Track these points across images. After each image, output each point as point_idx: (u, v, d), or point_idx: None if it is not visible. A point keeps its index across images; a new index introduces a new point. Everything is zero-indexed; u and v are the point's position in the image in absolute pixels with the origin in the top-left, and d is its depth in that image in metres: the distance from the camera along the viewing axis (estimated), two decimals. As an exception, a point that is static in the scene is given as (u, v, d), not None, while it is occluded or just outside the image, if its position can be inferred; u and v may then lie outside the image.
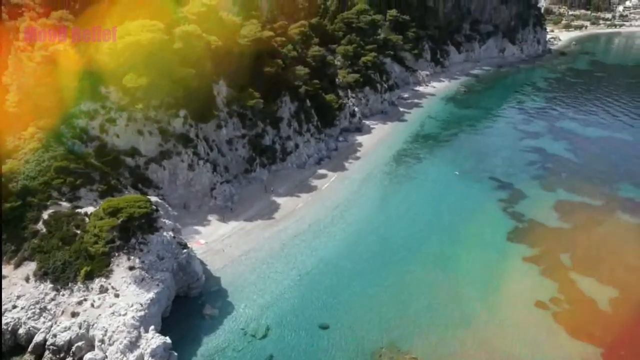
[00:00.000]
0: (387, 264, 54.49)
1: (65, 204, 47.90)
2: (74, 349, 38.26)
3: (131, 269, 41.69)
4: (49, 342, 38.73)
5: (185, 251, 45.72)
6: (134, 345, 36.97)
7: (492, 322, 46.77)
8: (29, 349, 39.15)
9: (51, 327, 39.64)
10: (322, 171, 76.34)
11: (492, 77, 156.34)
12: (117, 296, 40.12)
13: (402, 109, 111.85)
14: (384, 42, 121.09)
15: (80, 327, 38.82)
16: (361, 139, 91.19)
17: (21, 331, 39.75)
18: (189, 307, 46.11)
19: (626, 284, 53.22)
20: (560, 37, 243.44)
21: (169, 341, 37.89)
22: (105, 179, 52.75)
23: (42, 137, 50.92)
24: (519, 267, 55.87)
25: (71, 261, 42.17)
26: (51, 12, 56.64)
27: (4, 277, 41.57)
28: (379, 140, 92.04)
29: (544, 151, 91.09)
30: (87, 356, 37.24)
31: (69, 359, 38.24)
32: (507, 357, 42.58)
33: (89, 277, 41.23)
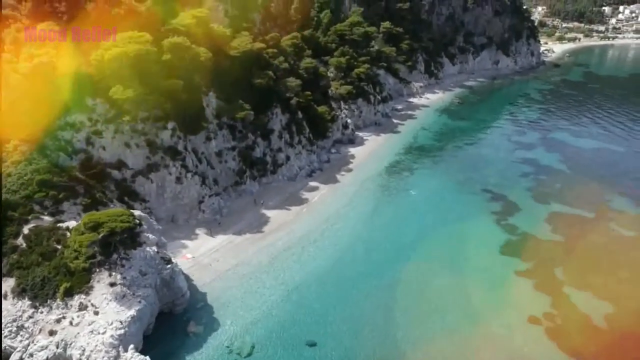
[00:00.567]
0: (377, 280, 53.36)
1: (47, 218, 46.76)
2: (50, 368, 36.96)
3: (112, 285, 40.51)
4: (25, 362, 37.41)
5: (169, 266, 44.60)
6: (112, 365, 35.71)
7: (484, 338, 45.69)
8: (5, 369, 37.87)
9: (28, 346, 38.30)
10: (313, 183, 75.51)
11: (486, 88, 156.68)
12: (96, 314, 38.89)
13: (395, 121, 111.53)
14: (377, 54, 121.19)
15: (57, 347, 37.51)
16: (354, 150, 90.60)
17: (-3, 350, 38.44)
18: (172, 324, 44.86)
19: (620, 298, 52.30)
20: (554, 49, 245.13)
21: (149, 360, 36.70)
22: (89, 193, 51.72)
23: (26, 150, 49.99)
24: (512, 281, 54.90)
25: (50, 277, 40.95)
26: (37, 24, 56.09)
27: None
28: (371, 152, 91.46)
29: (537, 163, 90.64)
30: (64, 377, 35.96)
31: (46, 380, 36.91)
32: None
33: (69, 293, 40.01)
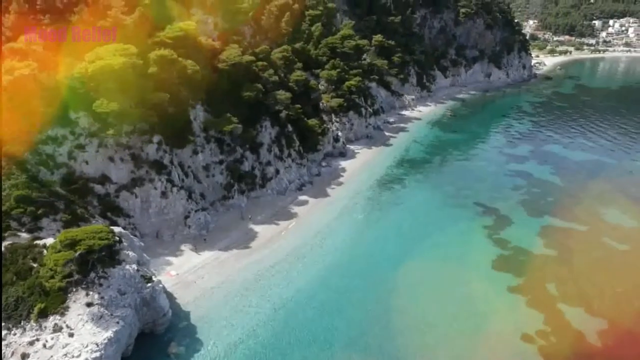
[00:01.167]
0: (367, 296, 52.04)
1: (24, 235, 45.36)
2: (22, 394, 35.25)
3: (89, 305, 38.95)
4: (-5, 388, 35.66)
5: (149, 285, 43.09)
6: (86, 390, 34.08)
7: (475, 358, 44.36)
8: (-26, 395, 36.04)
9: (-1, 370, 36.60)
10: (303, 197, 74.34)
11: (478, 101, 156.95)
12: (71, 335, 37.28)
13: (387, 133, 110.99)
14: (369, 66, 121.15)
15: (29, 371, 35.86)
16: (345, 164, 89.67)
17: (-34, 375, 36.65)
18: (153, 345, 43.25)
19: (615, 314, 51.19)
20: (545, 62, 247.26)
21: (125, 385, 35.08)
22: (70, 208, 50.31)
23: (4, 165, 48.64)
24: (504, 297, 53.71)
25: (25, 297, 39.30)
26: (19, 37, 55.24)
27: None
28: (363, 165, 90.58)
29: (530, 175, 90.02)
30: (35, 403, 34.26)
31: (16, 406, 35.21)
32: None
33: (43, 314, 38.36)
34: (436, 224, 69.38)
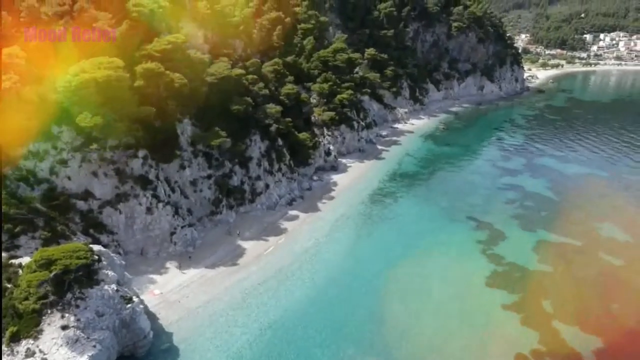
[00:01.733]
0: (357, 315, 50.48)
1: (0, 254, 43.61)
2: None
3: (64, 328, 37.21)
4: (-39, 418, 33.73)
5: (129, 306, 41.38)
6: (57, 420, 32.22)
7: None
8: None
9: (-33, 398, 34.69)
10: (293, 212, 72.92)
11: (471, 114, 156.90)
12: (44, 361, 35.50)
13: (380, 147, 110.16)
14: (361, 80, 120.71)
15: (-2, 399, 33.95)
16: (336, 178, 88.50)
17: None
18: (133, 369, 41.47)
19: (612, 332, 49.90)
20: (537, 75, 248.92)
21: (100, 414, 33.24)
22: (50, 225, 48.70)
23: (-19, 181, 47.13)
24: (498, 315, 52.34)
25: (-3, 320, 37.59)
26: (1, 49, 53.97)
27: None
28: (354, 179, 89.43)
29: (523, 189, 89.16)
30: None
31: None
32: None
33: (15, 338, 36.59)
34: (429, 239, 68.07)
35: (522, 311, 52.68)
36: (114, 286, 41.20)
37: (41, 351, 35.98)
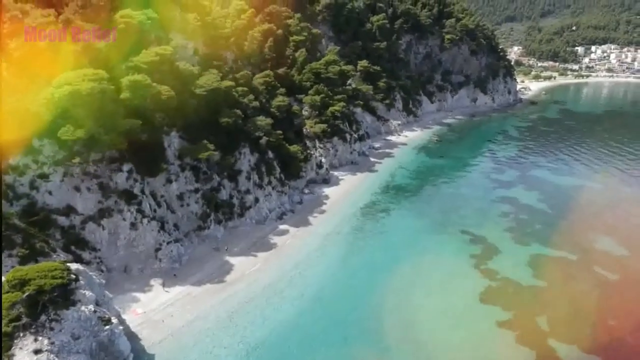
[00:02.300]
0: (347, 335, 48.81)
1: (-26, 273, 41.79)
2: None
3: (37, 352, 35.30)
4: None
5: (107, 327, 39.56)
6: None
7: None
8: None
9: None
10: (283, 227, 71.40)
11: (464, 126, 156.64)
12: (14, 388, 33.60)
13: (373, 159, 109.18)
14: (354, 92, 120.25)
15: None
16: (328, 191, 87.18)
17: None
18: (111, 394, 39.51)
19: (609, 350, 48.54)
20: (530, 87, 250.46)
21: None
22: (28, 242, 46.84)
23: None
24: (492, 333, 50.83)
25: (-34, 344, 35.69)
26: (-18, 61, 52.73)
27: None
28: (346, 192, 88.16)
29: (517, 202, 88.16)
30: None
31: None
32: None
33: (-15, 364, 34.72)
34: (422, 253, 66.73)
35: (517, 329, 51.21)
36: (91, 307, 39.41)
37: (12, 377, 34.09)
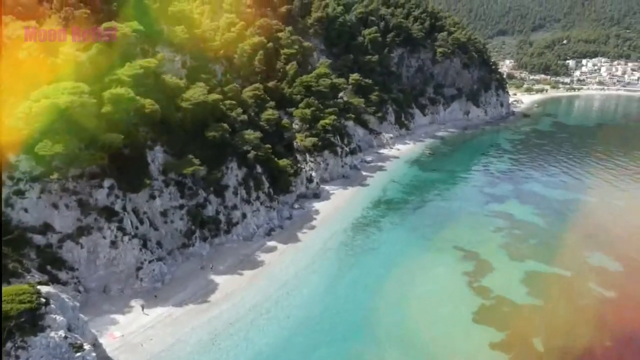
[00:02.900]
0: (336, 357, 46.77)
1: (-61, 297, 39.49)
2: None
3: (1, 383, 33.09)
4: None
5: (79, 355, 37.27)
6: None
7: None
8: None
9: None
10: (271, 243, 69.41)
11: (457, 139, 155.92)
12: None
13: (364, 173, 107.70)
14: (345, 105, 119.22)
15: None
16: (318, 205, 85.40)
17: None
18: None
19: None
20: (522, 100, 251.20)
21: None
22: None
23: None
24: (486, 354, 48.93)
25: None
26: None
27: None
28: (337, 207, 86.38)
29: (511, 216, 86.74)
30: None
31: None
32: None
33: (-57, 397, 32.38)
34: (413, 271, 64.93)
35: (512, 350, 49.42)
36: (62, 332, 37.16)
37: (-29, 412, 31.76)
